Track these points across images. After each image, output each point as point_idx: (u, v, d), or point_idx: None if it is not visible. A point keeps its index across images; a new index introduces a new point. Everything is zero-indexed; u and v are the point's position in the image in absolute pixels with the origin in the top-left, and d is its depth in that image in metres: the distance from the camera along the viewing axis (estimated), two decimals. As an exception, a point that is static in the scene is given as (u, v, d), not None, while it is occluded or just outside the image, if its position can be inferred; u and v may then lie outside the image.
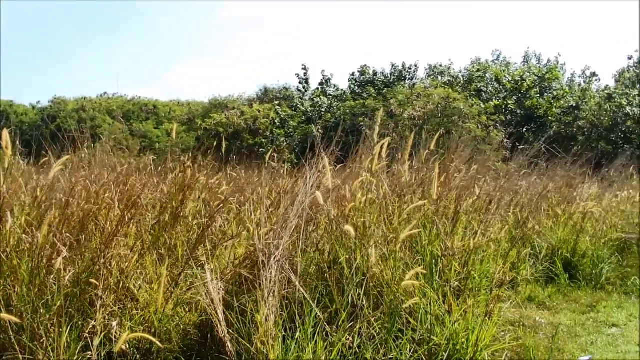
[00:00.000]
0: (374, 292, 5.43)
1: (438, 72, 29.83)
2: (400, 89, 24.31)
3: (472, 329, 5.47)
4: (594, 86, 28.17)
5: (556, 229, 9.78)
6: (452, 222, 6.44)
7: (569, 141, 16.46)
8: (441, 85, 23.13)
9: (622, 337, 7.00)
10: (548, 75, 26.18)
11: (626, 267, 9.84)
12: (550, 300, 8.39)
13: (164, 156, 9.10)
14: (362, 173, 6.21)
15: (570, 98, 24.34)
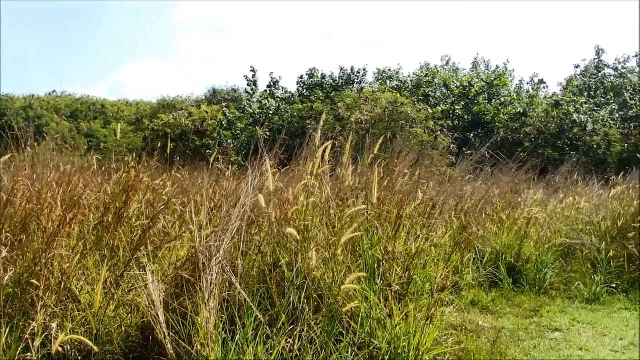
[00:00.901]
0: (315, 296, 5.46)
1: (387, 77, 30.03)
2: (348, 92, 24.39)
3: (413, 332, 5.54)
4: (542, 93, 28.71)
5: (500, 234, 9.93)
6: (394, 226, 6.49)
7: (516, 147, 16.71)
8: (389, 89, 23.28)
9: (564, 342, 7.14)
10: (496, 81, 26.57)
11: (570, 272, 10.03)
12: (494, 304, 8.52)
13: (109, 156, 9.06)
14: (306, 176, 6.24)
15: (518, 104, 24.73)
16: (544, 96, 27.57)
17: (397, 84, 27.62)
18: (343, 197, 6.69)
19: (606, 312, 8.72)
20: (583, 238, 10.59)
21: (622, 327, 7.91)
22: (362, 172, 7.20)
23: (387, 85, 26.74)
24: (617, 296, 9.56)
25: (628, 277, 10.06)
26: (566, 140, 21.04)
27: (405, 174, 7.97)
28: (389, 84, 27.73)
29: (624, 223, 10.96)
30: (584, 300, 9.22)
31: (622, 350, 6.91)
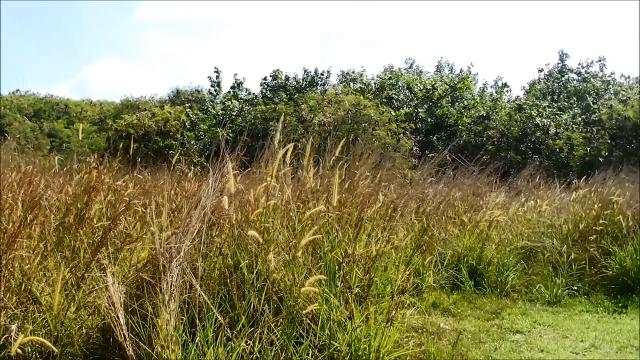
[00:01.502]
0: (275, 298, 5.48)
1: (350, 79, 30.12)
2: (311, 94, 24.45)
3: (373, 335, 5.57)
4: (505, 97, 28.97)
5: (462, 237, 10.03)
6: (355, 228, 6.53)
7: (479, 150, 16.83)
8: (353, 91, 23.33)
9: (525, 344, 7.24)
10: (460, 84, 26.77)
11: (531, 275, 10.18)
12: (455, 306, 8.60)
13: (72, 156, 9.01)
14: (267, 178, 6.25)
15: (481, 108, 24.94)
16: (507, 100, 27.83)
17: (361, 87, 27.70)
18: (304, 199, 6.71)
19: (567, 314, 8.85)
20: (544, 241, 10.73)
21: (583, 329, 8.02)
22: (324, 174, 7.23)
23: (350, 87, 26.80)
24: (579, 298, 9.69)
25: (589, 280, 10.22)
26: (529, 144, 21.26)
27: (367, 176, 8.01)
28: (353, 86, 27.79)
29: (586, 226, 11.13)
30: (545, 302, 9.35)
31: (582, 352, 7.02)
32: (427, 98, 25.53)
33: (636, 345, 7.32)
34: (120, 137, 22.64)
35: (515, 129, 21.55)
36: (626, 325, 8.31)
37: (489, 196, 11.80)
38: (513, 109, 23.10)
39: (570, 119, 22.77)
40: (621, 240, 10.59)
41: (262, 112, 23.19)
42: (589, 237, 10.80)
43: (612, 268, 10.14)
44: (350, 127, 18.18)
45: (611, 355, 6.93)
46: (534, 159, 19.25)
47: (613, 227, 10.95)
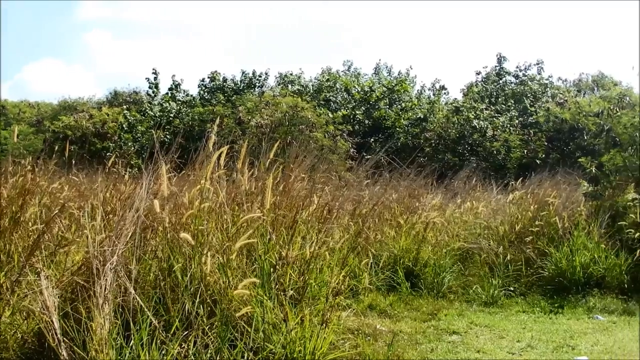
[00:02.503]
0: (209, 301, 5.49)
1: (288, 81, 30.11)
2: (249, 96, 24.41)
3: (309, 337, 5.61)
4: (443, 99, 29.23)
5: (398, 239, 10.14)
6: (290, 231, 6.57)
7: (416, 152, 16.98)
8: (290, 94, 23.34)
9: (462, 344, 7.38)
10: (397, 87, 26.96)
11: (468, 276, 10.34)
12: (392, 308, 8.69)
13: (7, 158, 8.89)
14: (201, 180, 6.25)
15: (419, 110, 25.16)
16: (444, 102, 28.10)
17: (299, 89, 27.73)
18: (239, 201, 6.73)
19: (504, 314, 9.02)
20: (481, 242, 10.91)
21: (520, 329, 8.20)
22: (259, 176, 7.25)
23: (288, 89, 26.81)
24: (515, 299, 9.90)
25: (525, 281, 10.43)
26: (466, 146, 21.52)
27: (303, 178, 8.05)
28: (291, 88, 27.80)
29: (522, 227, 11.35)
30: (482, 303, 9.52)
31: (519, 352, 7.19)
32: (365, 100, 25.66)
33: (571, 344, 7.50)
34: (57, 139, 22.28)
35: (453, 131, 21.79)
36: (562, 325, 8.52)
37: (426, 198, 11.92)
38: (451, 111, 23.34)
39: (507, 122, 23.09)
40: (557, 241, 10.84)
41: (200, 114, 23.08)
42: (525, 239, 11.03)
43: (548, 269, 10.38)
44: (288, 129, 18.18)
45: (547, 354, 7.10)
46: (471, 160, 19.48)
47: (549, 229, 11.21)
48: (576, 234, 10.75)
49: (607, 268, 10.27)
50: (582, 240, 10.65)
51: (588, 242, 10.66)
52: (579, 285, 10.13)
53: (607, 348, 7.38)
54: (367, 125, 24.22)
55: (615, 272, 10.24)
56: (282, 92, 24.86)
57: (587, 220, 11.35)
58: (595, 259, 10.35)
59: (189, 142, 7.25)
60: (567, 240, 10.72)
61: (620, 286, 10.19)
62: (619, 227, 11.13)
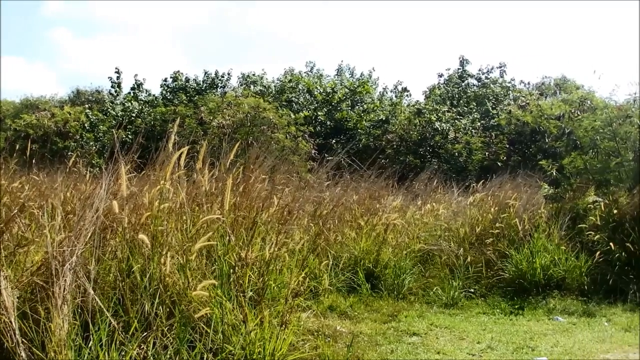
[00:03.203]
0: (168, 302, 5.50)
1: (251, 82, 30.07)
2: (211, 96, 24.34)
3: (268, 338, 5.63)
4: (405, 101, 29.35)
5: (359, 240, 10.18)
6: (249, 232, 6.58)
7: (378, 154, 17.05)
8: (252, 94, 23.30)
9: (422, 346, 7.44)
10: (359, 88, 27.04)
11: (428, 278, 10.39)
12: (352, 309, 8.74)
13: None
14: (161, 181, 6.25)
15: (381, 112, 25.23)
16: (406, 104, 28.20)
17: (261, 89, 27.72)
18: (199, 202, 6.73)
19: (464, 316, 9.11)
20: (441, 244, 10.98)
21: (480, 330, 8.29)
22: (219, 177, 7.25)
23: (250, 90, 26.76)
24: (475, 300, 9.99)
25: (486, 282, 10.52)
26: (428, 148, 21.63)
27: (264, 179, 8.07)
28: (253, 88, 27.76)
29: (482, 229, 11.46)
30: (442, 304, 9.60)
31: (479, 353, 7.28)
32: (327, 101, 25.72)
33: (531, 345, 7.61)
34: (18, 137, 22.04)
35: (415, 133, 21.88)
36: (522, 326, 8.63)
37: (387, 199, 11.97)
38: (412, 113, 23.42)
39: (469, 124, 23.27)
40: (517, 243, 10.96)
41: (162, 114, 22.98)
42: (485, 240, 11.15)
43: (508, 271, 10.49)
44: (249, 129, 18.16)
45: (507, 355, 7.20)
46: (433, 162, 19.60)
47: (509, 231, 11.33)
48: (536, 236, 10.88)
49: (567, 270, 10.40)
50: (543, 242, 10.80)
51: (548, 244, 10.80)
52: (539, 286, 10.26)
53: (567, 349, 7.50)
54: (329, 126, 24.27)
55: (576, 273, 10.39)
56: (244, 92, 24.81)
57: (547, 223, 11.50)
58: (555, 260, 10.48)
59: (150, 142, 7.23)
60: (527, 242, 10.85)
61: (580, 288, 10.35)
62: (579, 230, 11.32)
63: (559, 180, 13.20)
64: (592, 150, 13.03)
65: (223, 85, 29.81)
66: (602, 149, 12.82)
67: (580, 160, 12.95)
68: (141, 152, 6.94)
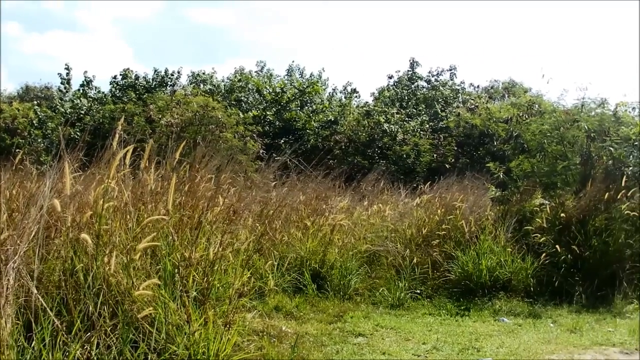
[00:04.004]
0: (112, 302, 5.48)
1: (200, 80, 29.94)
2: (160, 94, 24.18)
3: (212, 338, 5.64)
4: (354, 102, 29.44)
5: (305, 240, 10.20)
6: (194, 231, 6.57)
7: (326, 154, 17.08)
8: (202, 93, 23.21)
9: (367, 346, 7.50)
10: (309, 89, 27.07)
11: (374, 279, 10.47)
12: (298, 310, 8.77)
13: None
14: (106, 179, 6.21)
15: (330, 112, 25.29)
16: (356, 105, 28.29)
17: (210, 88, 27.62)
18: (145, 201, 6.71)
19: (410, 317, 9.20)
20: (388, 245, 11.04)
21: (425, 331, 8.38)
22: (165, 175, 7.23)
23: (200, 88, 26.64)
24: (421, 302, 10.10)
25: (432, 283, 10.65)
26: (376, 149, 21.70)
27: (210, 178, 8.06)
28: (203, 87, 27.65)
29: (429, 231, 11.57)
30: (388, 305, 9.68)
31: (424, 354, 7.36)
32: (276, 101, 25.70)
33: (477, 346, 7.71)
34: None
35: (363, 134, 21.96)
36: (468, 327, 8.74)
37: (334, 200, 12.01)
38: (361, 114, 23.51)
39: (418, 126, 23.40)
40: (464, 245, 11.10)
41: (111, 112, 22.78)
42: (432, 242, 11.28)
43: (454, 272, 10.63)
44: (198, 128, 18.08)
45: (452, 356, 7.30)
46: (381, 164, 19.69)
47: (456, 232, 11.47)
48: (483, 237, 11.03)
49: (514, 271, 10.58)
50: (489, 244, 10.95)
51: (495, 246, 10.96)
52: (485, 288, 10.41)
53: (512, 350, 7.62)
54: (278, 126, 24.26)
55: (521, 275, 10.57)
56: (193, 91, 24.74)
57: (494, 225, 11.66)
58: (501, 262, 10.64)
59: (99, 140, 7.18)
60: (473, 244, 11.00)
61: (526, 289, 10.54)
62: (525, 232, 11.50)
63: (506, 182, 13.37)
64: (539, 153, 13.23)
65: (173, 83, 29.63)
66: (550, 153, 13.03)
67: (527, 163, 13.14)
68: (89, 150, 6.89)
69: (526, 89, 27.01)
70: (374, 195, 13.84)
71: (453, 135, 22.19)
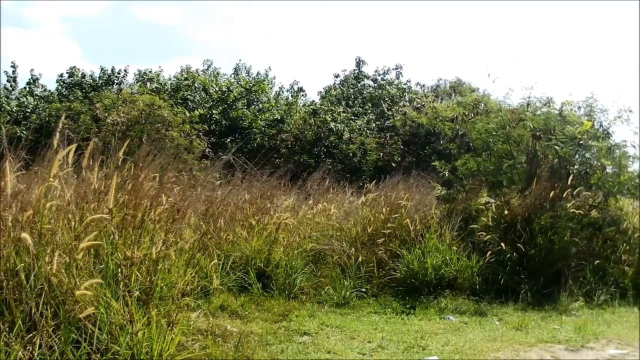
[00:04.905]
0: (54, 302, 5.44)
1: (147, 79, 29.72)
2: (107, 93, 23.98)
3: (156, 338, 5.62)
4: (301, 101, 29.46)
5: (250, 239, 10.21)
6: (137, 230, 6.55)
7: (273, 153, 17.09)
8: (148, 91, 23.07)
9: (312, 345, 7.54)
10: (255, 87, 27.03)
11: (320, 277, 10.50)
12: (243, 309, 8.77)
13: None
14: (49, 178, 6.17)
15: (276, 111, 25.28)
16: (302, 104, 28.30)
17: (157, 87, 27.45)
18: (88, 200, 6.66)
19: (355, 315, 9.26)
20: (333, 244, 11.07)
21: (371, 330, 8.44)
22: (109, 174, 7.19)
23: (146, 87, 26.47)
24: (367, 300, 10.16)
25: (378, 282, 10.71)
26: (322, 148, 21.75)
27: (154, 177, 8.02)
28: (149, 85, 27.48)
29: (374, 229, 11.62)
30: (334, 304, 9.73)
31: (369, 352, 7.42)
32: (223, 100, 25.62)
33: (422, 344, 7.79)
34: None
35: (310, 133, 21.97)
36: (413, 325, 8.84)
37: (279, 199, 12.02)
38: (308, 113, 23.54)
39: (364, 125, 23.50)
40: (409, 243, 11.19)
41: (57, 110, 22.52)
42: (377, 241, 11.33)
43: (400, 270, 10.70)
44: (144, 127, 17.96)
45: (398, 355, 7.35)
46: (327, 162, 19.72)
47: (401, 231, 11.54)
48: (428, 236, 11.13)
49: (459, 270, 10.71)
50: (434, 242, 11.05)
51: (440, 245, 11.06)
52: (431, 286, 10.52)
53: (457, 348, 7.72)
54: (224, 125, 24.20)
55: (467, 273, 10.70)
56: (140, 89, 24.60)
57: (439, 223, 11.76)
58: (447, 260, 10.77)
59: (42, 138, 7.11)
60: (419, 243, 11.08)
61: (472, 287, 10.68)
62: (471, 230, 11.64)
63: (452, 181, 13.49)
64: (485, 152, 13.38)
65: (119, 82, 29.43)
66: (496, 151, 13.19)
67: (473, 162, 13.29)
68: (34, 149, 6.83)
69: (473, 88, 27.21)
70: (319, 194, 13.84)
71: (399, 134, 22.31)
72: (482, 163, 13.20)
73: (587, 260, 11.37)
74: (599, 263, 11.49)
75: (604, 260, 11.61)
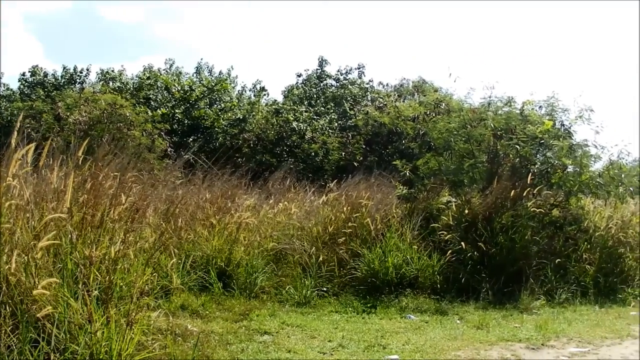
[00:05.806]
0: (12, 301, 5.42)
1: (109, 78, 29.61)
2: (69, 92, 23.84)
3: (115, 337, 5.62)
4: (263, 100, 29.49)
5: (211, 239, 10.21)
6: (96, 230, 6.54)
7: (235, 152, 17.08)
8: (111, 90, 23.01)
9: (273, 344, 7.56)
10: (217, 86, 27.00)
11: (281, 277, 10.53)
12: (204, 308, 8.77)
13: None
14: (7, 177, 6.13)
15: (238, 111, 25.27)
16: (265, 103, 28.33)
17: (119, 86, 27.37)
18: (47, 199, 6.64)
19: (316, 315, 9.30)
20: (294, 243, 11.08)
21: (332, 329, 8.48)
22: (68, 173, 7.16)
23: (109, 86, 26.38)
24: (328, 299, 10.19)
25: (339, 281, 10.74)
26: (284, 147, 21.78)
27: (114, 176, 8.00)
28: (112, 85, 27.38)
29: (335, 229, 11.64)
30: (295, 303, 9.76)
31: (330, 351, 7.45)
32: (185, 99, 25.57)
33: (383, 343, 7.84)
34: None
35: (272, 133, 22.00)
36: (374, 324, 8.89)
37: (240, 198, 12.01)
38: (270, 112, 23.58)
39: (327, 124, 23.59)
40: (370, 242, 11.22)
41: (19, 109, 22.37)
42: (338, 240, 11.35)
43: (361, 270, 10.74)
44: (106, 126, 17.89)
45: (358, 354, 7.39)
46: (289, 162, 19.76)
47: (362, 230, 11.57)
48: (389, 235, 11.18)
49: (420, 269, 10.77)
50: (395, 241, 11.10)
51: (401, 244, 11.11)
52: (392, 285, 10.57)
53: (418, 347, 7.77)
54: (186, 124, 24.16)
55: (428, 272, 10.77)
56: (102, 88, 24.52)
57: (400, 222, 11.81)
58: (408, 260, 10.83)
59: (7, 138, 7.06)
60: (380, 242, 11.12)
61: (433, 286, 10.76)
62: (432, 229, 11.72)
63: (413, 180, 13.57)
64: (446, 151, 13.46)
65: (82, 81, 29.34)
66: (457, 151, 13.27)
67: (434, 161, 13.38)
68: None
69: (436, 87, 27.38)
70: (281, 194, 13.87)
71: (361, 133, 22.38)
72: (444, 162, 13.29)
73: (548, 259, 11.51)
74: (560, 262, 11.66)
75: (565, 259, 11.77)
